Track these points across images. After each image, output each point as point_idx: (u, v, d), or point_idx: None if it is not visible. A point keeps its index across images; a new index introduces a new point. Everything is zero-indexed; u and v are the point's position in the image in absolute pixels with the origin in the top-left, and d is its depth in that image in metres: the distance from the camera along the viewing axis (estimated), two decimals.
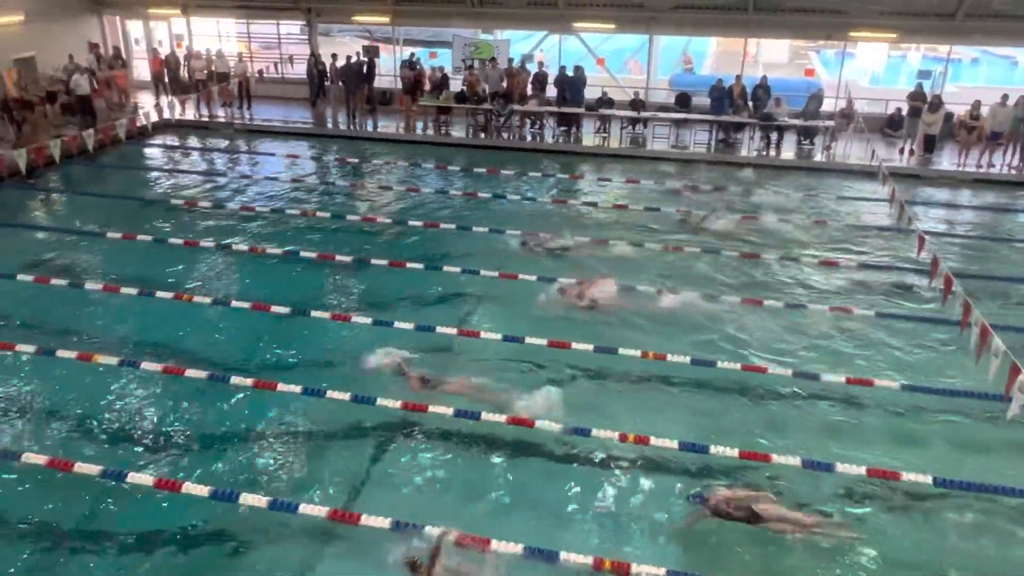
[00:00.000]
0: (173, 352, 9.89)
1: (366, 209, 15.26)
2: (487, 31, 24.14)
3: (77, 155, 17.53)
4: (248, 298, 11.27)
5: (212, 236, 13.85)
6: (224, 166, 19.06)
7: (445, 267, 12.32)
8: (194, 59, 23.22)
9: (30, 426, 8.60)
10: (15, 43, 21.16)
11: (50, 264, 12.77)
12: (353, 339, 10.32)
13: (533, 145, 20.18)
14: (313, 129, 21.53)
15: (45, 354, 9.63)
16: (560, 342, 10.01)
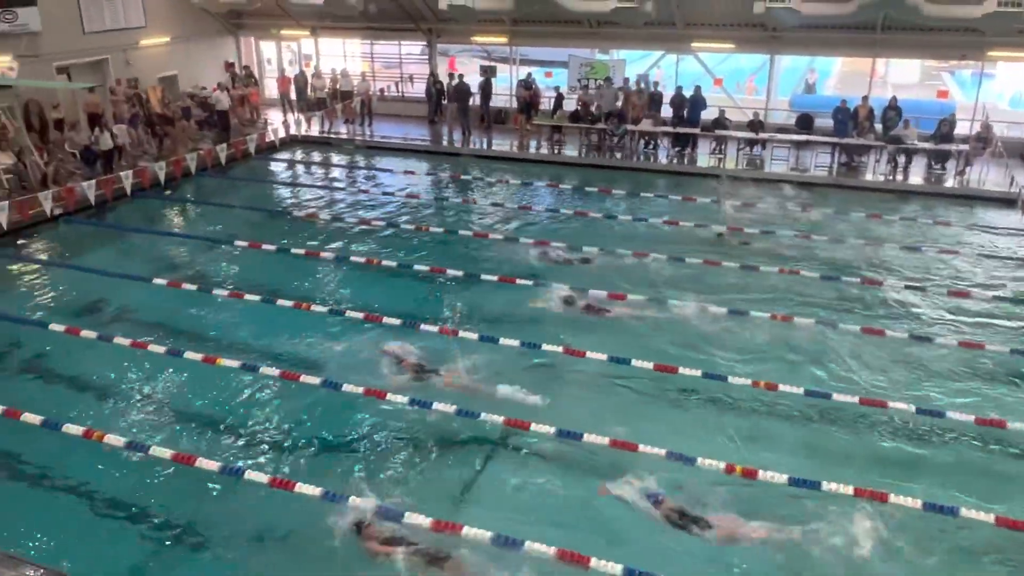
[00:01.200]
0: (290, 358, 10.32)
1: (478, 225, 15.50)
2: (603, 51, 24.17)
3: (210, 167, 18.60)
4: (362, 308, 11.66)
5: (331, 247, 14.40)
6: (344, 181, 19.81)
7: (555, 283, 12.35)
8: (320, 78, 24.34)
9: (158, 420, 9.16)
10: (160, 62, 22.75)
11: (182, 269, 13.60)
12: (461, 354, 10.47)
13: (646, 165, 20.03)
14: (430, 146, 22.09)
15: (174, 354, 10.25)
16: (668, 366, 9.86)
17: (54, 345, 10.77)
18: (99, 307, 11.88)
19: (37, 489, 7.99)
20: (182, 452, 8.21)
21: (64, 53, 19.79)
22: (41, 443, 8.57)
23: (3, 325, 11.26)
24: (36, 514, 7.65)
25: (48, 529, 7.44)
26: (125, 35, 21.59)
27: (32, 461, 8.37)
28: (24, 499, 7.87)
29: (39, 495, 7.92)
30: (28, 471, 8.24)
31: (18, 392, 9.55)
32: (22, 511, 7.70)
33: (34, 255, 14.58)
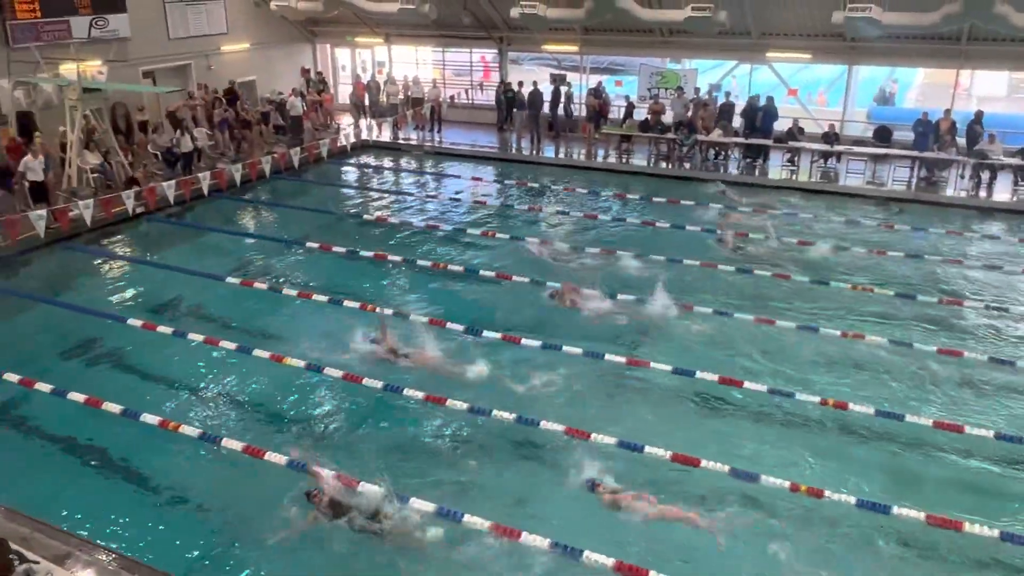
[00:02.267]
0: (354, 360, 10.52)
1: (543, 233, 15.54)
2: (674, 60, 24.00)
3: (284, 170, 19.11)
4: (427, 313, 11.82)
5: (398, 251, 14.64)
6: (413, 185, 20.10)
7: (620, 295, 12.30)
8: (392, 84, 24.78)
9: (228, 414, 9.44)
10: (240, 68, 23.51)
11: (254, 269, 14.00)
12: (525, 362, 10.53)
13: (716, 176, 19.79)
14: (498, 153, 22.26)
15: (243, 351, 10.57)
16: (733, 379, 9.75)
17: (132, 339, 11.21)
18: (175, 303, 12.31)
19: (115, 475, 8.32)
20: (250, 445, 8.45)
21: (150, 58, 20.64)
22: (120, 431, 8.92)
23: (85, 318, 11.76)
24: (111, 500, 7.96)
25: (122, 515, 7.73)
26: (208, 41, 22.40)
27: (110, 448, 8.71)
28: (101, 485, 8.20)
29: (116, 481, 8.24)
30: (107, 458, 8.58)
31: (99, 382, 9.96)
32: (99, 497, 8.03)
33: (116, 251, 15.20)
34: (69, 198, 15.67)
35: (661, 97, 22.10)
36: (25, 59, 16.74)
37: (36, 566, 6.23)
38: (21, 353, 10.83)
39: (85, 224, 14.71)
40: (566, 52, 24.17)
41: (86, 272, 14.15)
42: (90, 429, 9.00)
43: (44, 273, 14.09)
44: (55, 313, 12.08)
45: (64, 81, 16.65)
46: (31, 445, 8.85)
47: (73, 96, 16.18)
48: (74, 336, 11.38)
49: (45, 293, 12.94)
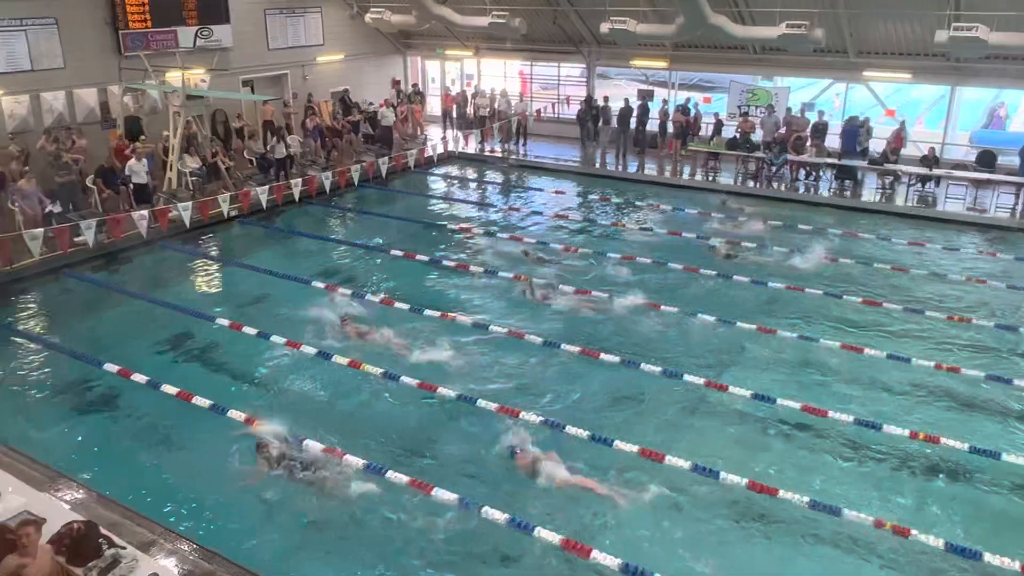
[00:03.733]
0: (428, 369, 10.65)
1: (625, 249, 15.44)
2: (766, 77, 23.55)
3: (372, 179, 19.55)
4: (505, 324, 11.89)
5: (480, 261, 14.78)
6: (497, 197, 20.28)
7: (700, 315, 12.11)
8: (480, 97, 25.10)
9: (305, 416, 9.66)
10: (334, 78, 24.23)
11: (339, 274, 14.35)
12: (603, 379, 10.49)
13: (806, 197, 19.29)
14: (581, 168, 22.24)
15: (323, 356, 10.82)
16: (817, 408, 9.46)
17: (220, 337, 11.64)
18: (261, 304, 12.71)
19: (200, 467, 8.63)
20: (330, 447, 8.64)
21: (249, 67, 21.49)
22: (208, 425, 9.27)
23: (178, 315, 12.27)
24: (194, 490, 8.24)
25: (203, 505, 8.01)
26: (304, 52, 23.17)
27: (197, 441, 9.05)
28: (185, 475, 8.50)
29: (200, 473, 8.54)
30: (194, 450, 8.91)
31: (189, 377, 10.37)
32: (183, 486, 8.32)
33: (210, 252, 15.83)
34: (169, 199, 16.40)
35: (751, 115, 21.70)
36: (134, 67, 17.62)
37: (123, 551, 6.50)
38: (120, 345, 11.39)
39: (183, 225, 15.35)
40: (655, 68, 24.01)
41: (182, 271, 14.77)
42: (180, 421, 9.37)
43: (143, 270, 14.79)
44: (151, 309, 12.64)
45: (169, 88, 17.46)
46: (125, 433, 9.27)
47: (177, 102, 16.97)
48: (167, 331, 11.88)
49: (143, 289, 13.56)
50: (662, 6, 19.96)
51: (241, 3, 20.76)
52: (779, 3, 17.70)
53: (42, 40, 16.80)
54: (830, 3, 18.41)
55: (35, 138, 16.59)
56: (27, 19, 16.52)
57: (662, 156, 22.49)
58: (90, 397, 10.06)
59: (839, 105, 22.77)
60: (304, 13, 22.98)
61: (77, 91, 17.49)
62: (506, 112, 24.16)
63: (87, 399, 10.03)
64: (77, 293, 13.69)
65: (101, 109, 18.01)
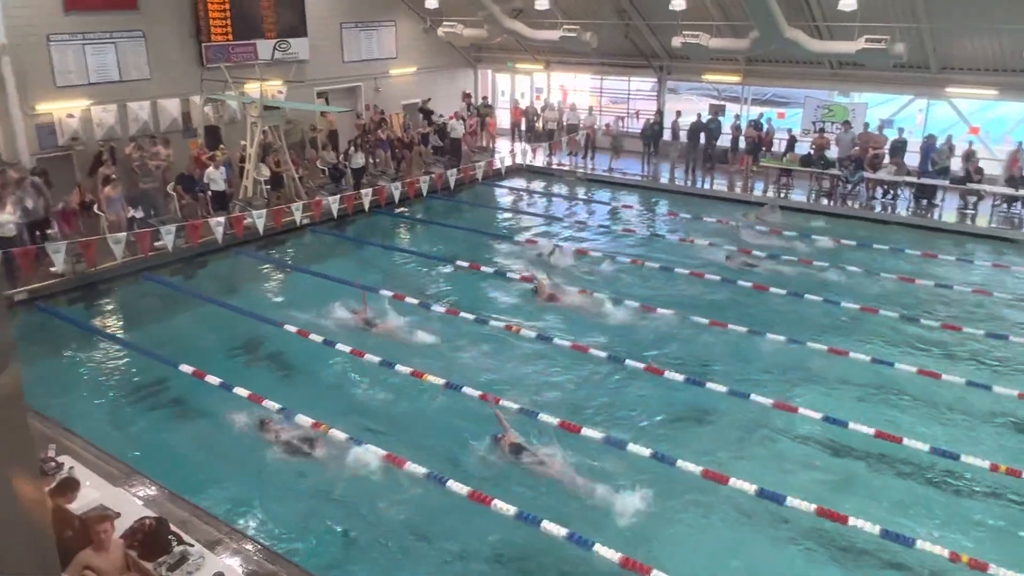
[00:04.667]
0: (490, 380, 10.71)
1: (694, 264, 15.25)
2: (843, 93, 23.02)
3: (440, 190, 19.78)
4: (569, 338, 11.87)
5: (545, 274, 14.76)
6: (564, 210, 20.28)
7: (769, 334, 11.87)
8: (549, 110, 25.18)
9: (366, 422, 9.80)
10: (405, 91, 24.65)
11: (406, 283, 14.52)
12: (666, 397, 10.38)
13: (882, 216, 18.75)
14: (649, 183, 22.08)
15: (386, 365, 10.97)
16: (890, 435, 9.16)
17: (288, 343, 11.91)
18: (329, 311, 12.94)
19: (268, 469, 8.84)
20: (392, 454, 8.74)
21: (324, 80, 22.01)
22: None
23: (249, 320, 12.61)
24: (262, 492, 8.44)
25: (270, 508, 8.19)
26: (377, 64, 23.65)
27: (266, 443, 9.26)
28: (254, 476, 8.72)
29: (268, 474, 8.75)
30: (265, 452, 9.12)
31: (260, 380, 10.63)
32: (251, 488, 8.53)
33: (283, 259, 16.22)
34: (244, 207, 16.88)
35: (827, 131, 21.22)
36: (215, 78, 18.25)
37: (191, 548, 6.69)
38: (195, 347, 11.77)
39: (257, 232, 15.77)
40: (727, 82, 23.72)
41: (254, 276, 15.17)
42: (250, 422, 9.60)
43: (218, 275, 15.25)
44: (224, 313, 13.01)
45: (248, 99, 18.01)
46: (197, 433, 9.54)
47: (254, 113, 17.48)
48: (239, 336, 12.23)
49: (217, 294, 13.97)
50: (736, 20, 19.72)
51: (318, 17, 21.33)
52: (858, 17, 17.29)
53: (130, 52, 17.55)
54: (913, 18, 17.90)
55: (122, 146, 17.32)
56: (117, 32, 17.28)
57: (733, 172, 22.17)
58: (165, 397, 10.40)
59: (922, 121, 22.08)
60: (378, 27, 23.46)
61: (161, 101, 18.19)
62: (575, 125, 24.17)
63: (162, 399, 10.37)
64: (155, 295, 14.19)
65: (183, 119, 18.69)
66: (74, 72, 16.71)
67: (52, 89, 16.41)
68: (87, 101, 16.96)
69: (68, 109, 16.63)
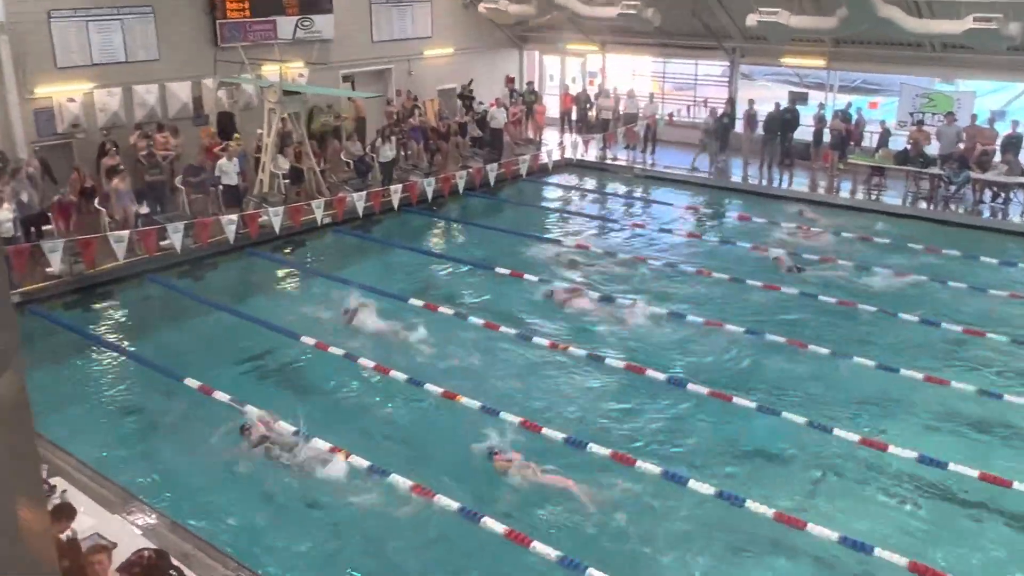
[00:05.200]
0: (532, 404, 10.74)
1: (767, 276, 15.09)
2: (946, 80, 22.62)
3: (478, 187, 19.87)
4: (621, 358, 11.84)
5: (596, 284, 14.77)
6: (618, 212, 20.23)
7: (855, 357, 11.69)
8: (604, 98, 25.15)
9: (391, 447, 9.86)
10: (441, 75, 24.85)
11: (440, 291, 14.62)
12: (735, 426, 10.30)
13: (992, 223, 18.36)
14: (718, 181, 21.95)
15: (414, 383, 11.05)
16: (998, 478, 8.95)
17: (305, 356, 12.05)
18: (352, 321, 13.05)
19: (281, 498, 8.94)
20: (421, 484, 8.77)
21: (351, 62, 22.28)
22: None
23: (262, 330, 12.79)
24: (274, 524, 8.54)
25: (280, 541, 8.27)
26: (411, 45, 23.87)
27: (279, 470, 9.37)
28: (263, 506, 8.83)
29: (280, 504, 8.85)
30: (275, 480, 9.22)
31: (273, 397, 10.78)
32: (260, 519, 8.64)
33: (300, 262, 16.44)
34: (260, 204, 17.14)
35: (926, 124, 20.85)
36: (230, 59, 18.59)
37: None
38: (202, 359, 11.97)
39: (273, 231, 16.01)
40: (810, 67, 23.47)
41: (268, 281, 15.40)
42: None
43: (228, 279, 15.52)
44: (234, 322, 13.22)
45: (265, 82, 18.32)
46: (205, 455, 9.66)
47: (273, 99, 17.76)
48: (251, 347, 12.41)
49: (227, 300, 14.19)
50: None
51: None
52: None
53: (138, 30, 17.97)
54: None
55: (126, 133, 17.70)
56: (124, 7, 17.72)
57: (815, 169, 21.92)
58: (169, 414, 10.57)
59: None
60: (412, 2, 23.68)
61: (170, 84, 18.58)
62: (634, 115, 24.12)
63: (165, 416, 10.54)
64: (159, 300, 14.50)
65: (194, 104, 19.06)
66: (76, 52, 17.13)
67: (52, 71, 16.83)
68: (90, 84, 17.38)
69: (69, 93, 17.06)
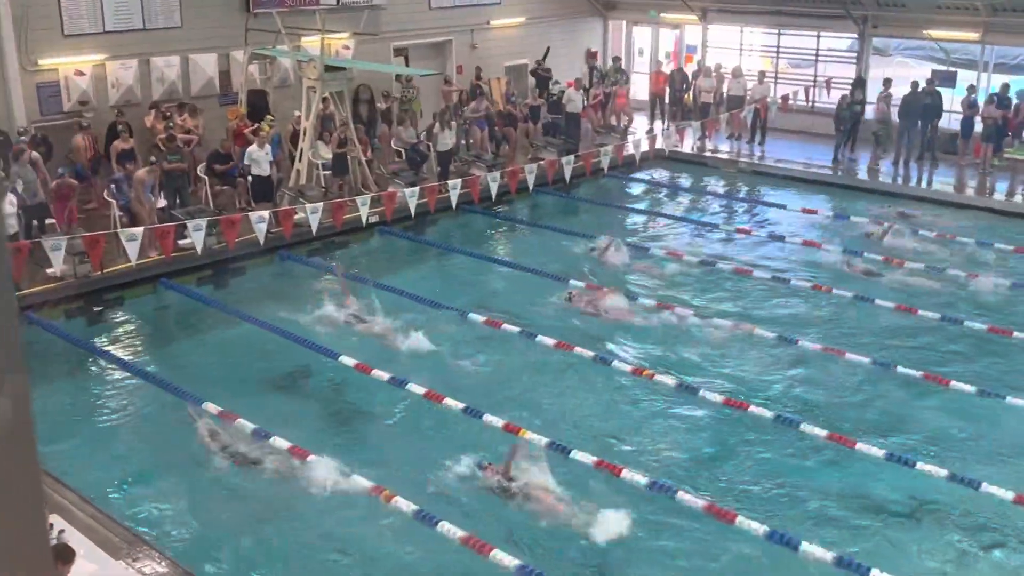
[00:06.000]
0: (605, 443, 10.70)
1: (900, 294, 14.84)
2: None
3: (551, 183, 19.86)
4: (723, 388, 11.75)
5: (692, 299, 14.73)
6: (720, 214, 20.05)
7: (1009, 397, 11.39)
8: (705, 78, 24.94)
9: (452, 495, 9.88)
10: (510, 49, 24.97)
11: (504, 305, 14.67)
12: (859, 477, 10.14)
13: None
14: (842, 179, 21.63)
15: (471, 413, 11.09)
16: None
17: (344, 378, 12.18)
18: (399, 338, 13.16)
19: (315, 541, 9.07)
20: (472, 535, 8.79)
21: (405, 32, 22.52)
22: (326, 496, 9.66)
23: (296, 348, 12.96)
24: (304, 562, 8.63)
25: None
26: (475, 12, 24.06)
27: (313, 511, 9.48)
28: (298, 553, 8.95)
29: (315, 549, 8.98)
30: (310, 523, 9.35)
31: (306, 427, 10.94)
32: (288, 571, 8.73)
33: (341, 268, 16.51)
34: (296, 198, 17.34)
35: None
36: (264, 27, 18.83)
37: None
38: (224, 379, 12.25)
39: (310, 231, 16.20)
40: (960, 40, 22.98)
41: (303, 289, 15.55)
42: (292, 484, 9.84)
43: (256, 286, 15.76)
44: (263, 336, 13.42)
45: (304, 56, 18.52)
46: (223, 493, 9.86)
47: (313, 75, 17.97)
48: (281, 367, 12.66)
49: (255, 311, 14.37)
50: None
51: None
52: None
53: None
54: None
55: (142, 113, 18.10)
56: None
57: (964, 165, 21.46)
58: (183, 444, 10.74)
59: None
60: None
61: (194, 56, 19.01)
62: (740, 98, 23.89)
63: (180, 447, 10.73)
64: (176, 309, 14.84)
65: (220, 80, 19.42)
66: (87, 18, 17.58)
67: (59, 39, 17.33)
68: (101, 55, 17.86)
69: (77, 65, 17.52)
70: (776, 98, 24.13)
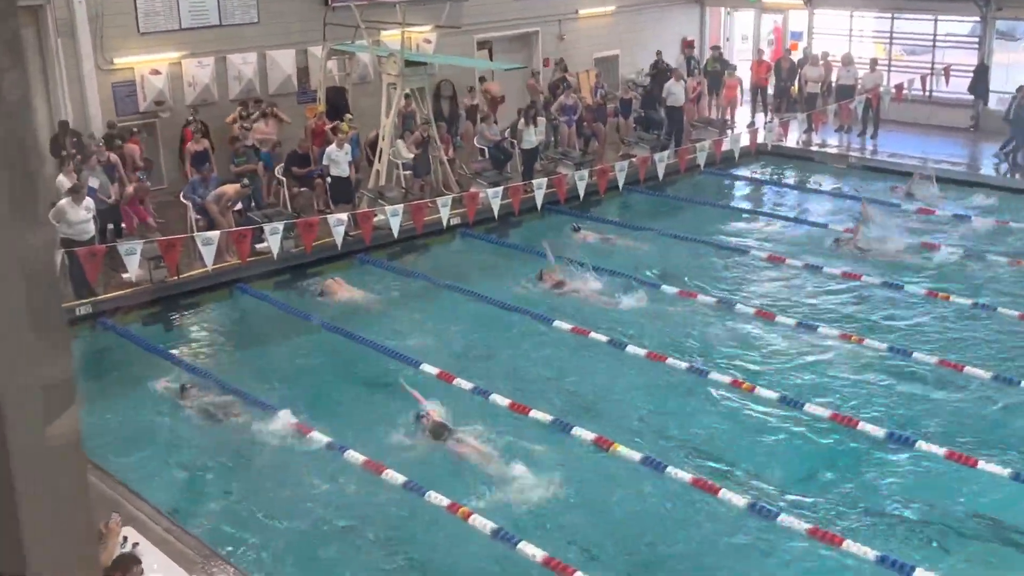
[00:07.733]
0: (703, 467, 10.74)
1: None
2: None
3: (643, 181, 19.82)
4: (829, 403, 11.69)
5: (791, 309, 14.61)
6: (828, 214, 19.71)
7: None
8: (810, 65, 24.62)
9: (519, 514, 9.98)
10: (600, 39, 25.01)
11: (583, 315, 14.59)
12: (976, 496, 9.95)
13: None
14: (968, 174, 21.20)
15: (560, 428, 11.17)
16: None
17: (427, 388, 12.32)
18: (477, 344, 13.28)
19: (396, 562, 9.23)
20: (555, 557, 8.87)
21: (488, 24, 22.71)
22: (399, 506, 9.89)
23: (376, 355, 13.25)
24: None
25: None
26: (563, 2, 24.19)
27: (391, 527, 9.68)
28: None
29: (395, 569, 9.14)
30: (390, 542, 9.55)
31: (384, 441, 11.11)
32: None
33: (423, 272, 16.70)
34: (375, 200, 17.56)
35: None
36: (343, 22, 19.17)
37: None
38: (300, 389, 12.52)
39: (390, 234, 16.43)
40: None
41: (384, 295, 15.78)
42: (368, 501, 10.06)
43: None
44: (342, 344, 13.73)
45: (384, 51, 18.79)
46: (300, 506, 10.09)
47: (393, 71, 18.20)
48: (360, 375, 12.95)
49: (335, 317, 14.62)
50: None
51: None
52: None
53: None
54: None
55: (218, 112, 18.57)
56: None
57: None
58: (261, 456, 11.05)
59: None
60: None
61: (271, 53, 19.45)
62: (850, 87, 23.54)
63: (257, 458, 11.04)
64: (253, 315, 15.23)
65: (298, 77, 19.82)
66: (163, 15, 18.17)
67: (134, 37, 17.96)
68: (177, 53, 18.43)
69: (153, 63, 18.08)
70: (890, 88, 23.70)
